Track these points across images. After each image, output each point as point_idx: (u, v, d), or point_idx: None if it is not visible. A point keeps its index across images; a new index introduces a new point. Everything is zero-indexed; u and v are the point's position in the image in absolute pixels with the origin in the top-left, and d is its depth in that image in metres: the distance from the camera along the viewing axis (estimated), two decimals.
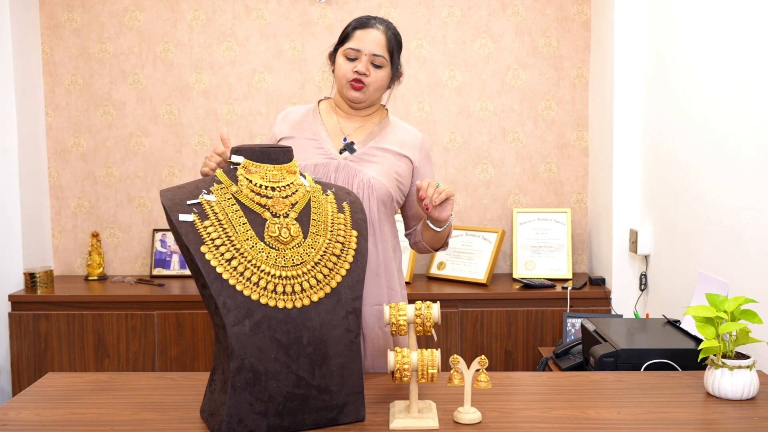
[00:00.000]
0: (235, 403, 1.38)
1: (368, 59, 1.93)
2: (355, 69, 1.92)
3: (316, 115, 2.03)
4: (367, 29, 1.94)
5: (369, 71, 1.93)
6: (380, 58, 1.93)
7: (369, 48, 1.92)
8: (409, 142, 2.02)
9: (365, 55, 1.93)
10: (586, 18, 3.42)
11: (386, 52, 1.95)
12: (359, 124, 2.01)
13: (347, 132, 2.00)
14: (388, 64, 1.96)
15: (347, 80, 1.93)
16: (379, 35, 1.94)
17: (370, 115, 2.03)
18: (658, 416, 1.52)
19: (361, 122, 2.01)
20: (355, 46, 1.93)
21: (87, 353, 3.11)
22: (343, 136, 1.98)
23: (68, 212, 3.52)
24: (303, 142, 1.97)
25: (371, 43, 1.93)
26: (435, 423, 1.45)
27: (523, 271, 3.36)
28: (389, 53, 1.96)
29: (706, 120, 2.36)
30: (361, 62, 1.92)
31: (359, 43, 1.93)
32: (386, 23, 1.98)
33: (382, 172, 1.92)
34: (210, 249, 1.43)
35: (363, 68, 1.92)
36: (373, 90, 1.95)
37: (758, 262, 2.02)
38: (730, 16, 2.21)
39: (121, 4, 3.44)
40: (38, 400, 1.63)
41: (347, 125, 2.01)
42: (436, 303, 1.48)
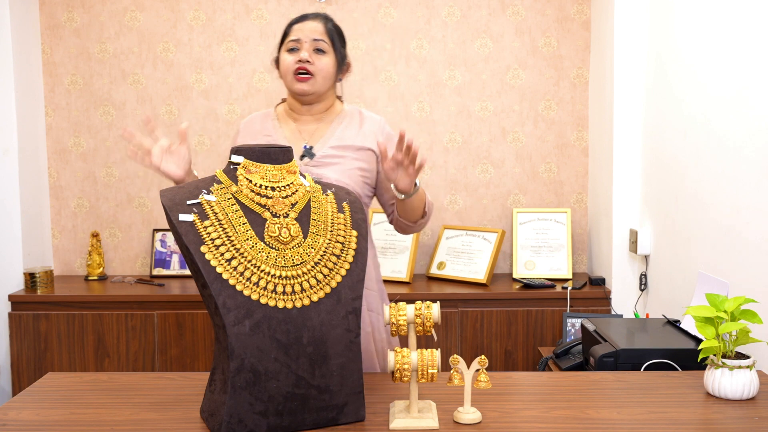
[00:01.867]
0: (235, 403, 1.38)
1: (310, 46, 1.92)
2: (297, 59, 1.92)
3: (274, 121, 2.01)
4: (304, 22, 1.96)
5: (312, 59, 1.92)
6: (321, 42, 1.93)
7: (308, 35, 1.93)
8: (369, 130, 1.99)
9: (305, 42, 1.92)
10: (586, 18, 3.42)
11: (327, 38, 1.94)
12: (316, 125, 1.98)
13: (306, 136, 1.97)
14: (332, 51, 1.95)
15: (292, 72, 1.92)
16: (316, 24, 1.95)
17: (326, 111, 2.00)
18: (658, 416, 1.52)
19: (318, 122, 1.99)
20: (294, 37, 1.94)
21: (87, 353, 3.11)
22: (302, 140, 1.96)
23: (68, 212, 3.52)
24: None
25: (310, 31, 1.93)
26: (435, 423, 1.45)
27: (523, 271, 3.36)
28: (330, 39, 1.95)
29: (706, 120, 2.36)
30: (302, 50, 1.92)
31: (298, 33, 1.94)
32: (324, 16, 1.99)
33: (344, 173, 1.91)
34: (210, 249, 1.43)
35: (306, 56, 1.91)
36: (321, 79, 1.94)
37: (758, 262, 2.02)
38: (730, 17, 2.21)
39: (121, 4, 3.44)
40: (38, 400, 1.63)
41: (305, 128, 1.98)
42: (436, 303, 1.48)
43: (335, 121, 2.00)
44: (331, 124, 1.99)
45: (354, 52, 3.44)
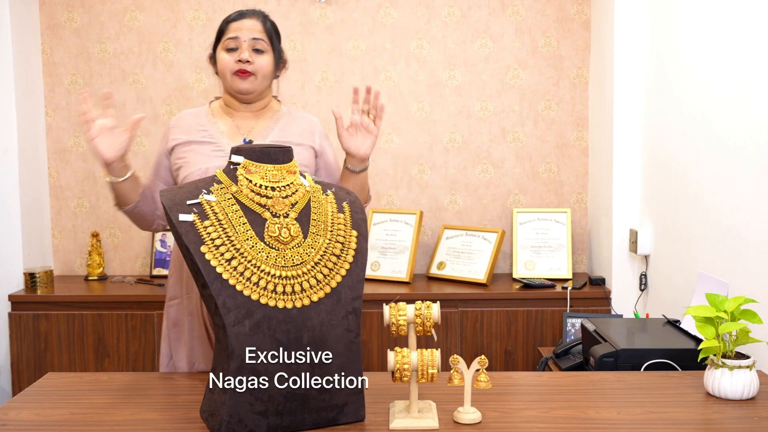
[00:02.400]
0: (235, 403, 1.38)
1: (249, 45, 1.91)
2: (237, 59, 1.90)
3: (210, 116, 1.99)
4: (241, 20, 1.94)
5: (252, 58, 1.91)
6: (261, 41, 1.91)
7: (247, 34, 1.91)
8: (308, 129, 2.00)
9: (245, 41, 1.91)
10: (586, 18, 3.42)
11: (265, 36, 1.93)
12: (254, 122, 1.98)
13: (244, 131, 1.97)
14: (270, 49, 1.94)
15: (232, 72, 1.91)
16: (255, 22, 1.93)
17: (263, 109, 2.00)
18: (658, 416, 1.52)
19: (256, 119, 1.99)
20: (232, 35, 1.91)
21: (87, 353, 3.11)
22: (239, 135, 1.95)
23: (68, 212, 3.52)
24: (199, 146, 1.93)
25: (249, 30, 1.91)
26: (435, 423, 1.45)
27: (523, 271, 3.36)
28: (269, 38, 1.94)
29: (706, 120, 2.36)
30: (242, 50, 1.90)
31: (236, 32, 1.92)
32: (262, 13, 1.97)
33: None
34: (210, 249, 1.43)
35: (246, 55, 1.90)
36: (261, 78, 1.93)
37: (758, 262, 2.02)
38: (730, 17, 2.21)
39: (121, 4, 3.44)
40: (38, 400, 1.63)
41: (243, 124, 1.98)
42: (436, 303, 1.48)
43: (273, 118, 2.00)
44: (270, 120, 1.99)
45: (354, 52, 3.45)
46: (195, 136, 1.95)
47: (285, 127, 1.98)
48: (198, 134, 1.95)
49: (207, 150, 1.92)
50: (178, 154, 1.95)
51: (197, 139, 1.94)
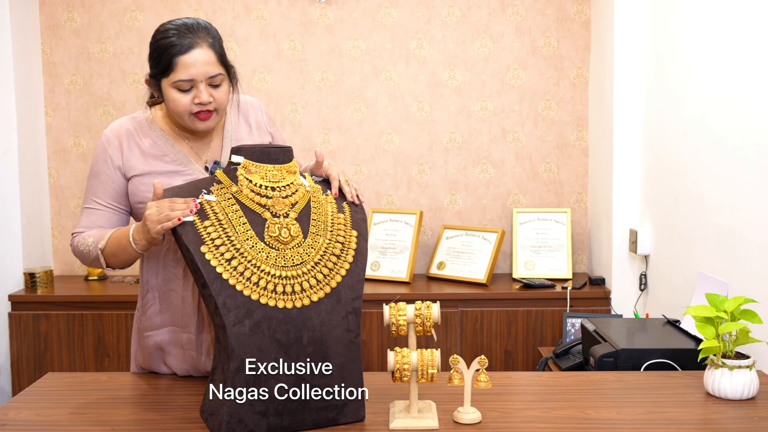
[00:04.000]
0: (235, 403, 1.38)
1: (205, 84, 1.66)
2: (196, 101, 1.66)
3: (162, 135, 1.75)
4: (189, 52, 1.64)
5: (212, 95, 1.67)
6: (218, 77, 1.67)
7: (203, 73, 1.64)
8: (255, 116, 1.86)
9: (201, 82, 1.65)
10: (586, 18, 3.42)
11: (221, 67, 1.68)
12: (208, 139, 1.79)
13: (203, 151, 1.77)
14: (226, 76, 1.70)
15: (189, 113, 1.67)
16: (206, 53, 1.65)
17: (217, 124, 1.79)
18: (658, 416, 1.52)
19: (209, 136, 1.79)
20: (185, 76, 1.64)
21: (87, 353, 3.11)
22: (200, 160, 1.77)
23: (68, 212, 3.52)
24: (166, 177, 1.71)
25: (202, 66, 1.64)
26: (435, 423, 1.45)
27: (522, 271, 3.36)
28: (223, 66, 1.69)
29: (706, 120, 2.36)
30: (198, 91, 1.65)
31: (188, 70, 1.64)
32: (204, 31, 1.69)
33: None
34: (210, 249, 1.43)
35: (206, 97, 1.65)
36: (222, 110, 1.71)
37: (758, 262, 2.02)
38: (730, 17, 2.21)
39: (121, 4, 3.44)
40: (38, 400, 1.63)
41: (197, 145, 1.77)
42: (436, 303, 1.48)
43: (226, 124, 1.82)
44: (223, 130, 1.81)
45: (354, 52, 3.45)
46: (156, 165, 1.72)
47: (237, 131, 1.82)
48: (158, 162, 1.73)
49: (177, 179, 1.70)
50: (139, 187, 1.72)
51: (160, 170, 1.72)
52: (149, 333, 1.78)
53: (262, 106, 1.90)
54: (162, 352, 1.78)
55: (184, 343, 1.75)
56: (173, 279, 1.74)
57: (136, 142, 1.74)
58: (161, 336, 1.77)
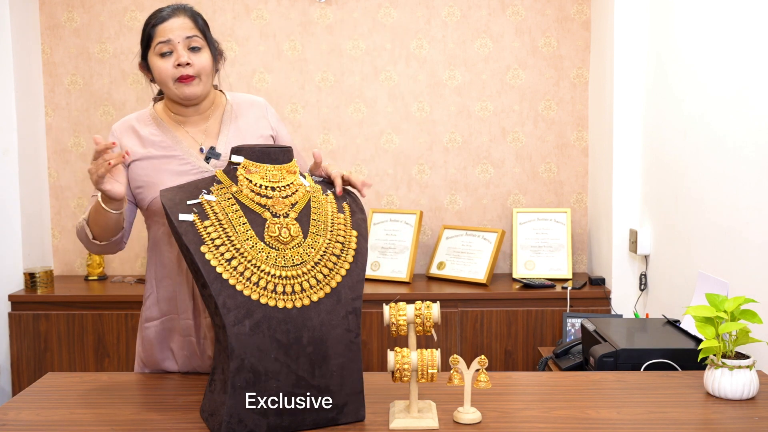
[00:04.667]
0: (235, 403, 1.38)
1: (184, 45, 1.73)
2: (176, 63, 1.73)
3: (160, 125, 1.82)
4: (168, 20, 1.74)
5: (191, 59, 1.73)
6: (196, 38, 1.74)
7: (179, 34, 1.73)
8: (259, 114, 1.88)
9: (178, 42, 1.73)
10: (586, 18, 3.42)
11: (199, 32, 1.76)
12: (204, 125, 1.84)
13: (199, 138, 1.82)
14: (206, 45, 1.77)
15: (173, 79, 1.74)
16: (184, 20, 1.75)
17: (210, 107, 1.85)
18: (658, 416, 1.52)
19: (205, 121, 1.84)
20: (164, 38, 1.73)
21: (87, 353, 3.11)
22: (196, 144, 1.81)
23: (68, 212, 3.52)
24: (162, 162, 1.77)
25: (180, 29, 1.73)
26: (435, 423, 1.45)
27: (522, 271, 3.36)
28: (202, 33, 1.77)
29: (706, 120, 2.36)
30: (177, 53, 1.73)
31: (167, 34, 1.73)
32: (187, 7, 1.79)
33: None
34: (210, 249, 1.43)
35: (184, 58, 1.72)
36: (205, 78, 1.77)
37: (758, 262, 2.02)
38: (730, 17, 2.21)
39: (121, 4, 3.44)
40: (38, 400, 1.63)
41: (194, 131, 1.82)
42: (436, 303, 1.48)
43: (224, 115, 1.86)
44: (222, 119, 1.85)
45: (354, 52, 3.45)
46: (153, 150, 1.78)
47: (238, 124, 1.85)
48: (155, 147, 1.79)
49: (173, 165, 1.76)
50: (137, 171, 1.79)
51: (157, 154, 1.78)
52: (149, 324, 1.83)
53: (267, 105, 1.94)
54: (163, 342, 1.82)
55: (182, 330, 1.79)
56: (167, 265, 1.79)
57: (136, 132, 1.82)
58: (161, 325, 1.82)
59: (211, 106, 1.85)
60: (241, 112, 1.87)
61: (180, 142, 1.80)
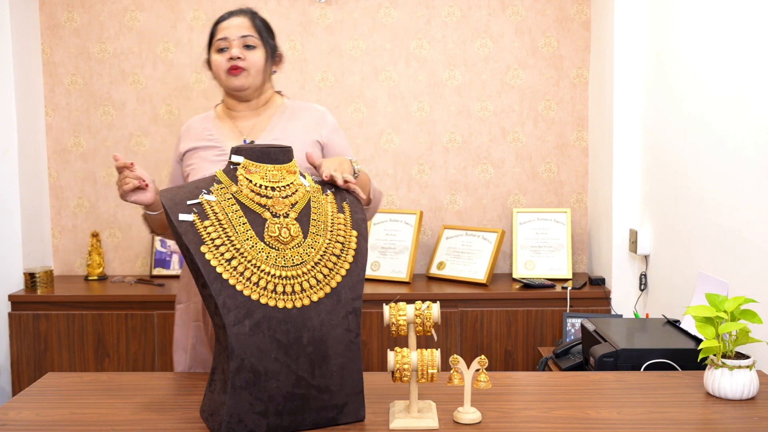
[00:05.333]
0: (235, 403, 1.38)
1: (239, 42, 1.92)
2: (228, 57, 1.92)
3: (214, 120, 2.01)
4: (229, 19, 1.96)
5: (243, 54, 1.92)
6: (250, 38, 1.93)
7: (236, 32, 1.93)
8: (313, 121, 1.97)
9: (234, 39, 1.92)
10: (586, 18, 3.42)
11: (254, 32, 1.95)
12: (255, 120, 1.97)
13: (245, 132, 1.96)
14: (261, 44, 1.95)
15: (225, 70, 1.93)
16: (243, 20, 1.95)
17: (264, 105, 2.00)
18: (658, 416, 1.52)
19: (256, 117, 1.98)
20: (222, 36, 1.94)
21: (87, 353, 3.11)
22: (241, 136, 1.95)
23: (68, 212, 3.52)
24: (204, 151, 1.95)
25: (236, 28, 1.93)
26: (435, 423, 1.45)
27: (522, 271, 3.36)
28: (258, 33, 1.95)
29: (706, 120, 2.36)
30: (232, 48, 1.92)
31: (225, 32, 1.94)
32: (249, 11, 1.99)
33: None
34: (210, 249, 1.43)
35: (236, 52, 1.91)
36: (255, 73, 1.94)
37: (758, 262, 2.02)
38: (730, 17, 2.21)
39: (121, 4, 3.44)
40: (38, 400, 1.63)
41: (244, 124, 1.98)
42: (436, 303, 1.48)
43: (275, 114, 1.98)
44: (271, 118, 1.98)
45: (354, 52, 3.45)
46: (201, 142, 1.97)
47: (288, 124, 1.96)
48: (204, 139, 1.97)
49: (211, 155, 1.93)
50: (187, 161, 1.98)
51: (203, 145, 1.96)
52: (177, 306, 2.03)
53: (327, 114, 2.02)
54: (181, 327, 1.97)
55: (192, 314, 1.94)
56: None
57: (195, 128, 2.02)
58: (180, 310, 1.99)
59: (264, 104, 1.99)
60: (294, 115, 1.97)
61: (226, 134, 1.96)
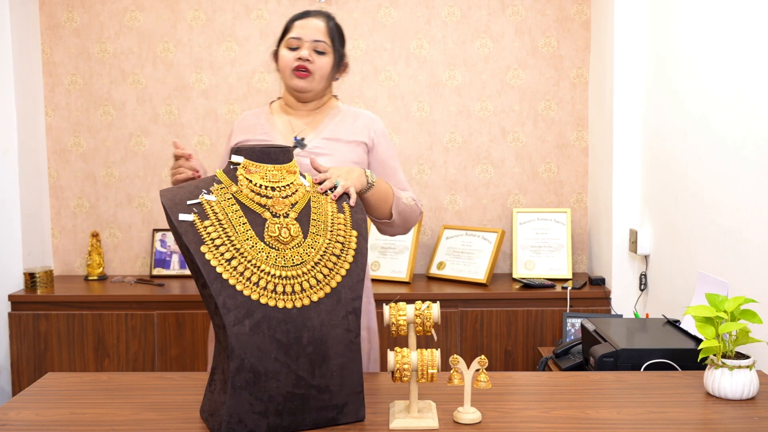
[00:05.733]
0: (235, 403, 1.38)
1: (310, 46, 1.94)
2: (297, 56, 1.93)
3: (268, 115, 2.03)
4: (306, 19, 1.97)
5: (312, 58, 1.94)
6: (322, 44, 1.95)
7: (310, 35, 1.94)
8: (362, 125, 2.00)
9: (306, 41, 1.94)
10: (586, 18, 3.42)
11: (328, 38, 1.96)
12: (309, 119, 2.00)
13: (298, 129, 1.99)
14: (331, 51, 1.98)
15: (291, 69, 1.94)
16: (319, 23, 1.96)
17: (321, 107, 2.02)
18: (658, 416, 1.52)
19: (311, 116, 2.01)
20: (295, 35, 1.95)
21: (87, 353, 3.11)
22: (293, 133, 1.98)
23: (68, 212, 3.52)
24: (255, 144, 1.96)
25: (311, 30, 1.94)
26: (435, 423, 1.45)
27: (522, 271, 3.36)
28: (331, 39, 1.97)
29: (706, 120, 2.36)
30: (302, 49, 1.94)
31: (299, 31, 1.95)
32: (326, 14, 2.01)
33: (335, 164, 1.89)
34: (210, 249, 1.43)
35: (305, 53, 1.93)
36: (319, 78, 1.96)
37: (758, 262, 2.02)
38: (730, 16, 2.21)
39: (121, 4, 3.44)
40: (38, 400, 1.63)
41: (298, 122, 2.00)
42: (436, 303, 1.48)
43: (329, 115, 2.01)
44: (325, 118, 2.01)
45: (354, 52, 3.44)
46: (252, 136, 1.99)
47: (338, 126, 1.99)
48: (256, 133, 1.99)
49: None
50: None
51: (254, 138, 1.98)
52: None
53: (377, 120, 2.04)
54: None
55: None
56: None
57: (248, 121, 2.04)
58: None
59: (320, 107, 2.02)
60: (345, 118, 2.00)
61: (278, 129, 1.98)
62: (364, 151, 1.99)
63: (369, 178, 1.80)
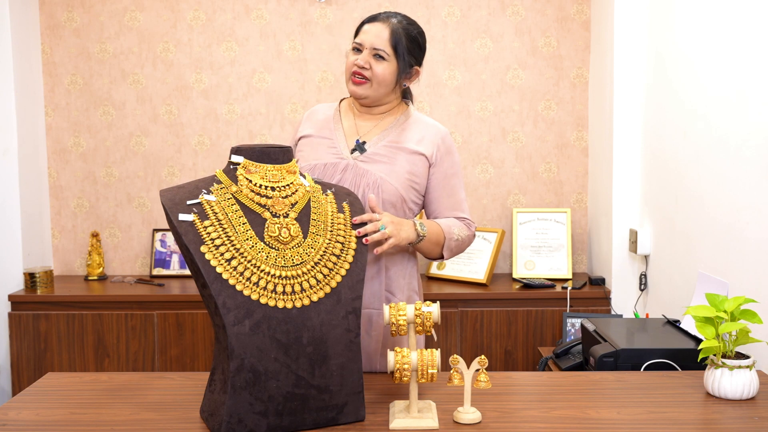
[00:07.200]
0: (234, 403, 1.38)
1: (369, 52, 1.89)
2: (356, 62, 1.91)
3: (336, 113, 2.01)
4: (373, 23, 1.92)
5: (370, 64, 1.89)
6: (381, 51, 1.89)
7: (370, 41, 1.89)
8: (428, 137, 1.94)
9: (366, 48, 1.90)
10: (586, 18, 3.42)
11: (388, 46, 1.89)
12: (375, 123, 1.96)
13: (363, 131, 1.95)
14: (393, 58, 1.90)
15: (350, 73, 1.93)
16: (383, 28, 1.89)
17: (388, 112, 1.98)
18: (658, 416, 1.52)
19: (377, 120, 1.96)
20: (359, 39, 1.92)
21: (87, 353, 3.11)
22: (357, 135, 1.94)
23: (68, 212, 3.52)
24: (318, 140, 1.95)
25: (373, 36, 1.89)
26: (435, 423, 1.45)
27: (522, 271, 3.36)
28: (392, 47, 1.89)
29: (706, 120, 2.36)
30: (362, 55, 1.90)
31: (363, 36, 1.91)
32: (398, 17, 1.93)
33: (392, 172, 1.86)
34: (210, 249, 1.43)
35: (362, 61, 1.89)
36: (376, 85, 1.90)
37: (758, 262, 2.02)
38: (730, 16, 2.21)
39: (121, 4, 3.44)
40: (38, 400, 1.63)
41: (363, 124, 1.97)
42: (435, 303, 1.48)
43: (395, 122, 1.96)
44: (390, 125, 1.96)
45: None
46: (319, 131, 1.97)
47: (402, 133, 1.94)
48: (321, 130, 1.97)
49: (323, 146, 1.93)
50: (300, 146, 1.98)
51: (319, 134, 1.96)
52: None
53: (444, 134, 1.99)
54: None
55: None
56: None
57: (318, 116, 2.02)
58: None
59: (386, 112, 1.98)
60: (411, 126, 1.96)
61: (342, 130, 1.96)
62: (425, 165, 1.93)
63: (419, 232, 1.80)
